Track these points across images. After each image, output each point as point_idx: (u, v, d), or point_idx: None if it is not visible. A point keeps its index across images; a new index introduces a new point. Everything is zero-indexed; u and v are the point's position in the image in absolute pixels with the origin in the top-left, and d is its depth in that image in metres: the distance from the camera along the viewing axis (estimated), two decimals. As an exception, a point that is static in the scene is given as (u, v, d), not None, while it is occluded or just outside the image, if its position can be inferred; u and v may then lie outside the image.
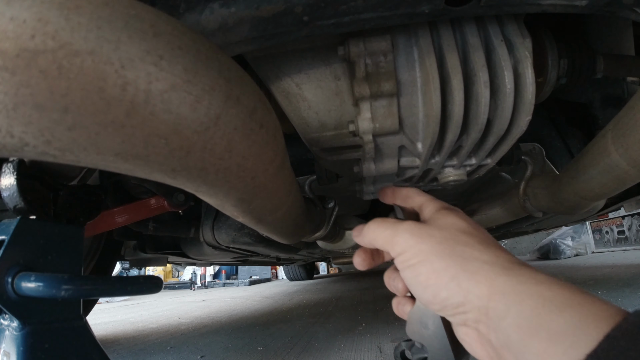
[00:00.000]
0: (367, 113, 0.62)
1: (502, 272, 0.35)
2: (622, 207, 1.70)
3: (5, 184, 0.61)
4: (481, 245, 0.39)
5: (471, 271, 0.36)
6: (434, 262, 0.38)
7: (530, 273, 0.35)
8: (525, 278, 0.34)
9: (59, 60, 0.23)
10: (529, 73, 0.56)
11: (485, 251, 0.38)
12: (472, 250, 0.38)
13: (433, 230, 0.41)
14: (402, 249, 0.41)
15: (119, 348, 1.97)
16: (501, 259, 0.37)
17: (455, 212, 0.45)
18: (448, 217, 0.43)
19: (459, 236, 0.40)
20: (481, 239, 0.40)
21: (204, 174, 0.34)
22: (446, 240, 0.39)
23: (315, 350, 1.60)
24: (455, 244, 0.39)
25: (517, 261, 0.37)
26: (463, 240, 0.39)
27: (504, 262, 0.36)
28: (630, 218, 5.48)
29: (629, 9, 0.50)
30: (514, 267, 0.36)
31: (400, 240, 0.41)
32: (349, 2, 0.45)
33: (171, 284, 8.49)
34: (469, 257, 0.37)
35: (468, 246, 0.39)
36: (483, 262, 0.37)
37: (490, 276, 0.35)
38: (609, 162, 0.64)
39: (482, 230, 0.42)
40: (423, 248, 0.39)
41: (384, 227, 0.44)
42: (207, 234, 1.24)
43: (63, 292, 0.54)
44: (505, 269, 0.35)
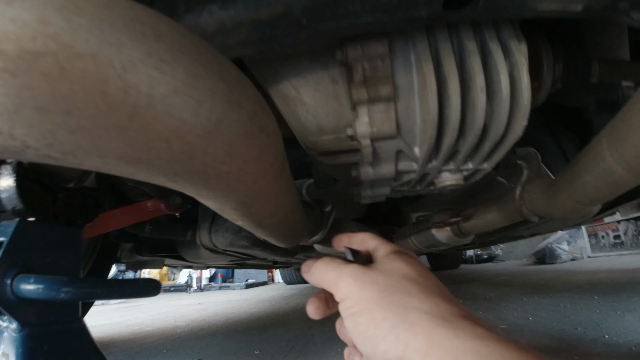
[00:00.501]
0: (365, 117, 0.63)
1: (440, 323, 0.34)
2: (618, 211, 1.71)
3: (4, 186, 0.61)
4: (423, 294, 0.37)
5: (410, 322, 0.35)
6: (374, 310, 0.37)
7: (469, 327, 0.34)
8: (462, 331, 0.33)
9: (60, 62, 0.24)
10: (524, 78, 0.57)
11: (427, 300, 0.37)
12: (413, 299, 0.37)
13: (377, 276, 0.40)
14: (345, 294, 0.40)
15: (114, 351, 1.96)
16: (442, 309, 0.36)
17: (405, 256, 0.44)
18: (394, 262, 0.42)
19: (402, 283, 0.39)
20: (424, 287, 0.39)
21: (205, 178, 0.34)
22: (388, 288, 0.38)
23: (312, 354, 1.59)
24: (396, 292, 0.38)
25: (459, 313, 0.36)
26: (405, 288, 0.38)
27: (444, 313, 0.35)
28: (626, 222, 5.50)
29: (625, 14, 0.51)
30: (453, 319, 0.35)
31: (343, 285, 0.40)
32: (347, 6, 0.46)
33: (167, 286, 8.43)
34: (409, 306, 0.36)
35: (410, 295, 0.37)
36: (423, 312, 0.35)
37: (428, 327, 0.34)
38: (605, 167, 0.64)
39: (429, 276, 0.41)
40: (364, 295, 0.38)
41: (330, 269, 0.43)
42: (204, 236, 1.24)
43: (62, 295, 0.54)
44: (444, 320, 0.34)
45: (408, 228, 1.68)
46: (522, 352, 0.30)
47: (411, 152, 0.68)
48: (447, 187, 0.78)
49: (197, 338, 2.18)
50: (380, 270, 0.41)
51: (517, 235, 2.13)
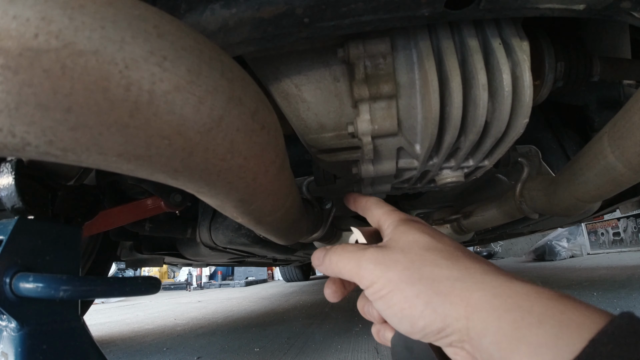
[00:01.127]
0: (366, 115, 0.62)
1: (475, 287, 0.34)
2: (618, 209, 1.71)
3: (4, 184, 0.60)
4: (449, 261, 0.37)
5: (444, 293, 0.34)
6: (404, 290, 0.36)
7: (505, 282, 0.33)
8: (500, 290, 0.32)
9: (62, 59, 0.23)
10: (526, 76, 0.56)
11: (454, 266, 0.36)
12: (441, 269, 0.36)
13: (397, 254, 0.39)
14: (370, 281, 0.39)
15: (114, 349, 1.96)
16: (472, 272, 0.35)
17: (415, 224, 0.42)
18: (409, 234, 0.41)
19: (425, 255, 0.38)
20: (448, 253, 0.38)
21: (205, 175, 0.34)
22: (412, 264, 0.37)
23: (312, 352, 1.60)
24: (422, 266, 0.37)
25: (489, 269, 0.35)
26: (430, 260, 0.37)
27: (475, 275, 0.35)
28: (625, 220, 5.51)
29: (626, 12, 0.50)
30: (487, 278, 0.34)
31: (365, 273, 0.39)
32: (350, 4, 0.46)
33: (167, 284, 8.45)
34: (439, 277, 0.35)
35: (436, 265, 0.36)
36: (454, 279, 0.35)
37: (464, 295, 0.33)
38: (605, 164, 0.64)
39: (446, 240, 0.40)
40: (391, 277, 0.37)
41: (347, 259, 0.41)
42: (203, 234, 1.24)
43: (62, 293, 0.54)
44: (478, 282, 0.34)
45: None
46: (565, 301, 0.30)
47: (412, 149, 0.68)
48: (448, 185, 0.78)
49: (197, 336, 2.18)
50: (398, 248, 0.40)
51: (516, 233, 2.14)
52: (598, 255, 5.63)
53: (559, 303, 0.30)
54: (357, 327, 2.00)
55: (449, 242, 0.40)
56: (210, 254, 1.50)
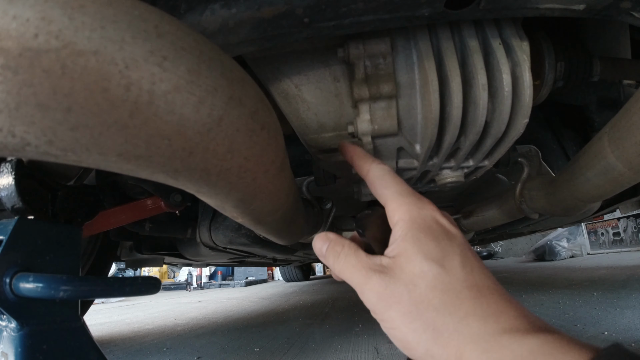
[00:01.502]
0: (366, 115, 0.62)
1: (468, 340, 0.33)
2: (618, 209, 1.71)
3: (4, 184, 0.60)
4: (451, 307, 0.35)
5: (442, 344, 0.34)
6: (406, 334, 0.35)
7: (498, 338, 0.32)
8: (491, 345, 0.32)
9: (62, 59, 0.23)
10: (526, 76, 0.56)
11: (455, 314, 0.34)
12: (442, 317, 0.35)
13: (401, 291, 0.36)
14: (372, 309, 0.38)
15: (115, 349, 1.96)
16: (469, 321, 0.34)
17: (426, 235, 0.39)
18: (416, 263, 0.37)
19: (429, 297, 0.36)
20: (453, 296, 0.35)
21: (205, 175, 0.34)
22: (416, 307, 0.35)
23: (312, 352, 1.60)
24: (424, 310, 0.35)
25: (487, 318, 0.34)
26: (433, 305, 0.35)
27: (471, 326, 0.34)
28: (625, 220, 5.52)
29: (626, 12, 0.50)
30: (482, 330, 0.33)
31: (367, 301, 0.38)
32: (350, 4, 0.45)
33: (167, 284, 8.45)
34: (439, 326, 0.34)
35: (437, 311, 0.35)
36: (452, 330, 0.34)
37: (459, 347, 0.33)
38: (605, 164, 0.64)
39: (456, 272, 0.37)
40: (393, 316, 0.36)
41: (349, 275, 0.40)
42: (203, 234, 1.24)
43: (62, 293, 0.54)
44: (473, 335, 0.33)
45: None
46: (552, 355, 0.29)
47: (412, 149, 0.68)
48: (448, 185, 0.78)
49: (197, 336, 2.18)
50: (402, 281, 0.37)
51: (516, 232, 2.14)
52: (598, 255, 5.63)
53: (544, 356, 0.29)
54: (357, 327, 2.00)
55: (458, 276, 0.37)
56: (210, 254, 1.50)
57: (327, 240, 0.44)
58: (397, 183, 0.44)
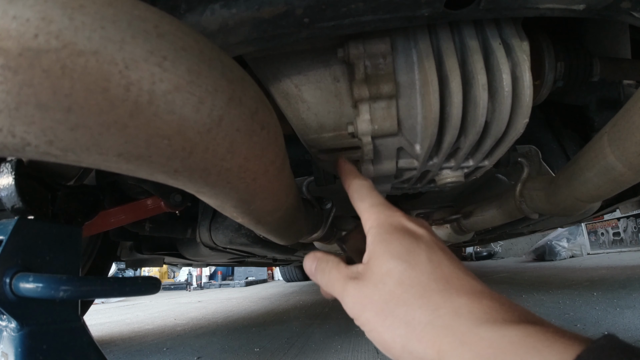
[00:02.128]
0: (366, 115, 0.62)
1: (444, 332, 0.33)
2: (618, 209, 1.71)
3: (3, 184, 0.60)
4: (421, 300, 0.36)
5: (418, 337, 0.34)
6: (382, 333, 0.37)
7: (474, 328, 0.32)
8: (468, 337, 0.32)
9: (62, 59, 0.23)
10: (526, 76, 0.56)
11: (426, 307, 0.35)
12: (414, 310, 0.36)
13: (373, 292, 0.38)
14: (352, 314, 0.40)
15: (115, 349, 1.96)
16: (442, 313, 0.34)
17: (394, 236, 0.41)
18: (384, 263, 0.39)
19: (397, 293, 0.37)
20: (421, 289, 0.37)
21: (205, 175, 0.34)
22: (386, 305, 0.37)
23: (312, 352, 1.60)
24: (395, 307, 0.36)
25: (460, 309, 0.34)
26: (403, 299, 0.36)
27: (445, 318, 0.34)
28: (625, 220, 5.52)
29: (626, 12, 0.50)
30: (456, 322, 0.33)
31: (347, 308, 0.41)
32: (350, 4, 0.45)
33: (167, 284, 8.45)
34: (412, 320, 0.35)
35: (409, 306, 0.36)
36: (426, 323, 0.34)
37: (435, 340, 0.33)
38: (605, 164, 0.64)
39: (422, 266, 0.38)
40: (368, 317, 0.38)
41: (332, 286, 0.43)
42: (203, 234, 1.23)
43: (62, 293, 0.54)
44: (447, 327, 0.33)
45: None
46: (530, 343, 0.29)
47: (412, 149, 0.68)
48: (448, 185, 0.78)
49: (197, 336, 2.18)
50: (372, 282, 0.39)
51: (516, 233, 2.14)
52: (598, 255, 5.63)
53: (527, 348, 0.28)
54: (357, 327, 2.00)
55: (424, 270, 0.38)
56: (210, 254, 1.50)
57: (315, 259, 0.47)
58: (371, 196, 0.48)
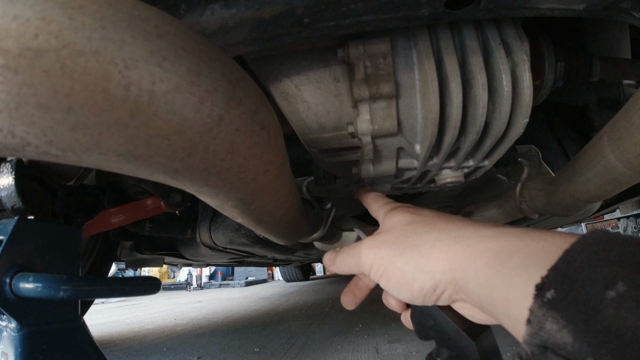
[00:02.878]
0: (366, 115, 0.62)
1: (451, 242, 0.37)
2: (618, 209, 1.71)
3: (3, 184, 0.60)
4: (427, 227, 0.41)
5: (427, 254, 0.38)
6: (395, 261, 0.41)
7: (476, 231, 0.37)
8: (473, 239, 0.36)
9: (62, 59, 0.23)
10: (526, 76, 0.56)
11: (433, 230, 0.40)
12: (421, 236, 0.41)
13: (385, 235, 0.44)
14: (369, 264, 0.44)
15: (114, 349, 1.96)
16: (448, 230, 0.39)
17: (401, 208, 0.48)
18: (394, 217, 0.46)
19: (407, 228, 0.43)
20: (427, 221, 0.43)
21: (205, 175, 0.34)
22: (398, 238, 0.42)
23: (312, 352, 1.60)
24: (405, 238, 0.42)
25: (462, 225, 0.39)
26: (411, 230, 0.42)
27: (450, 232, 0.39)
28: (625, 220, 5.52)
29: (626, 12, 0.50)
30: (461, 232, 0.38)
31: (365, 259, 0.44)
32: (350, 4, 0.45)
33: (167, 284, 8.45)
34: (421, 242, 0.40)
35: (417, 234, 0.41)
36: (434, 240, 0.39)
37: (444, 250, 0.37)
38: (605, 164, 0.64)
39: (426, 212, 0.46)
40: (383, 254, 0.42)
41: (351, 254, 0.47)
42: (203, 234, 1.23)
43: (62, 293, 0.54)
44: (454, 237, 0.37)
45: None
46: (532, 234, 0.32)
47: (412, 149, 0.68)
48: (448, 185, 0.78)
49: (197, 336, 2.18)
50: (386, 230, 0.45)
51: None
52: (598, 255, 5.61)
53: (526, 236, 0.32)
54: (357, 327, 2.00)
55: (427, 213, 0.45)
56: (210, 254, 1.50)
57: (335, 251, 0.52)
58: (384, 198, 0.56)
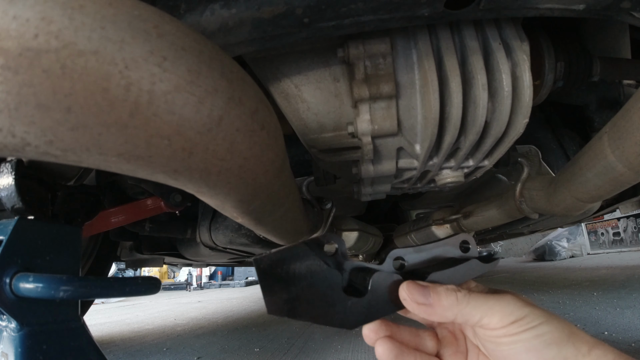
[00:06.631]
0: (366, 115, 0.62)
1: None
2: (618, 208, 1.71)
3: (4, 184, 0.60)
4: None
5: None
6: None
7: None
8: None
9: (62, 59, 0.23)
10: (526, 76, 0.56)
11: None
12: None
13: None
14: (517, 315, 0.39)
15: (115, 349, 1.96)
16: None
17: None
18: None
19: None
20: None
21: (205, 175, 0.34)
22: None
23: (312, 352, 1.60)
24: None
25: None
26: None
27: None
28: (625, 220, 5.51)
29: (626, 12, 0.50)
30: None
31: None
32: (350, 4, 0.45)
33: (167, 285, 8.45)
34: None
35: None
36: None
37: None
38: (605, 164, 0.64)
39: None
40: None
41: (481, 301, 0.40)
42: (203, 234, 1.23)
43: (62, 293, 0.53)
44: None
45: (408, 225, 1.68)
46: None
47: (412, 149, 0.68)
48: (448, 185, 0.78)
49: (197, 336, 2.18)
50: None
51: (516, 233, 2.14)
52: (598, 255, 5.62)
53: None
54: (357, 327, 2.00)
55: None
56: (210, 254, 1.50)
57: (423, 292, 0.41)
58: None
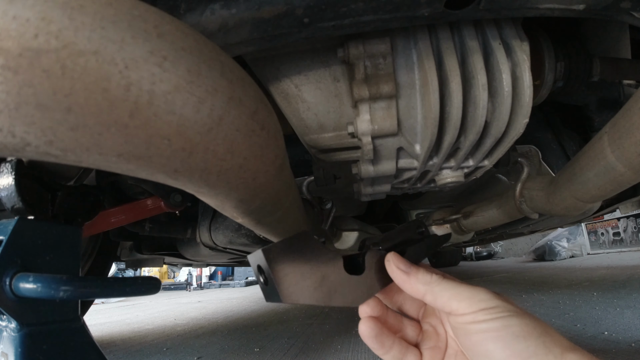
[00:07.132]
0: (366, 115, 0.62)
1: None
2: (618, 209, 1.71)
3: (3, 184, 0.60)
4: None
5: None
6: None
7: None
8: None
9: (62, 59, 0.23)
10: (526, 76, 0.56)
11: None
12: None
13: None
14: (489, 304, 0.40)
15: (115, 349, 1.96)
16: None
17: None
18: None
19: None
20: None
21: (205, 175, 0.34)
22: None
23: (312, 352, 1.60)
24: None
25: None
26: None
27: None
28: (625, 220, 5.52)
29: (626, 12, 0.50)
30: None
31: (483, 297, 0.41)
32: (350, 4, 0.45)
33: (167, 285, 8.45)
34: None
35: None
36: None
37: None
38: (605, 164, 0.64)
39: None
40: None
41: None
42: (203, 234, 1.23)
43: (62, 293, 0.53)
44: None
45: (408, 226, 1.68)
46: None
47: (412, 149, 0.68)
48: (448, 185, 0.78)
49: (197, 336, 2.18)
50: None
51: (516, 233, 2.13)
52: (598, 255, 5.63)
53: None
54: (357, 327, 2.00)
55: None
56: (210, 254, 1.50)
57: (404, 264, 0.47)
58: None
